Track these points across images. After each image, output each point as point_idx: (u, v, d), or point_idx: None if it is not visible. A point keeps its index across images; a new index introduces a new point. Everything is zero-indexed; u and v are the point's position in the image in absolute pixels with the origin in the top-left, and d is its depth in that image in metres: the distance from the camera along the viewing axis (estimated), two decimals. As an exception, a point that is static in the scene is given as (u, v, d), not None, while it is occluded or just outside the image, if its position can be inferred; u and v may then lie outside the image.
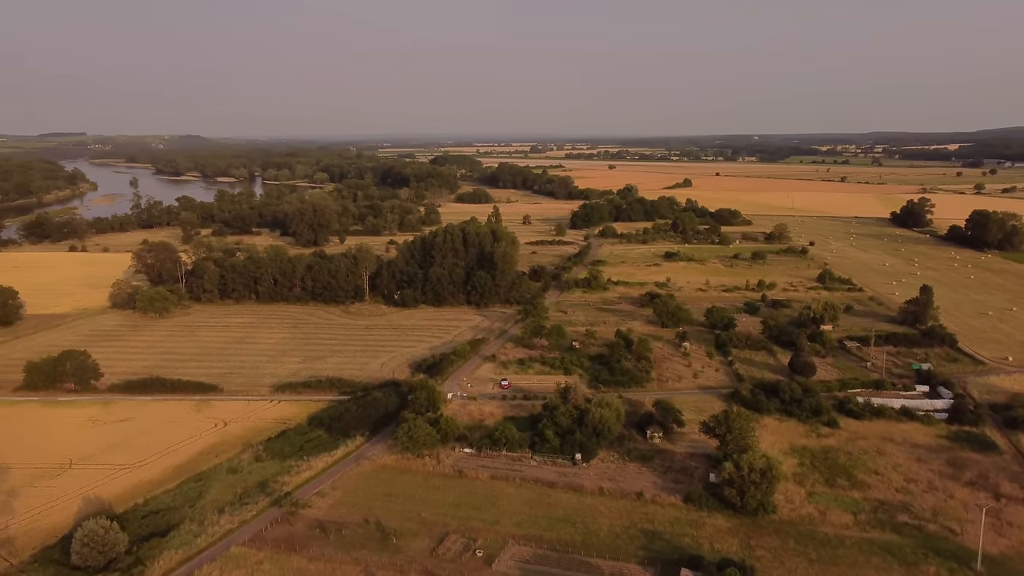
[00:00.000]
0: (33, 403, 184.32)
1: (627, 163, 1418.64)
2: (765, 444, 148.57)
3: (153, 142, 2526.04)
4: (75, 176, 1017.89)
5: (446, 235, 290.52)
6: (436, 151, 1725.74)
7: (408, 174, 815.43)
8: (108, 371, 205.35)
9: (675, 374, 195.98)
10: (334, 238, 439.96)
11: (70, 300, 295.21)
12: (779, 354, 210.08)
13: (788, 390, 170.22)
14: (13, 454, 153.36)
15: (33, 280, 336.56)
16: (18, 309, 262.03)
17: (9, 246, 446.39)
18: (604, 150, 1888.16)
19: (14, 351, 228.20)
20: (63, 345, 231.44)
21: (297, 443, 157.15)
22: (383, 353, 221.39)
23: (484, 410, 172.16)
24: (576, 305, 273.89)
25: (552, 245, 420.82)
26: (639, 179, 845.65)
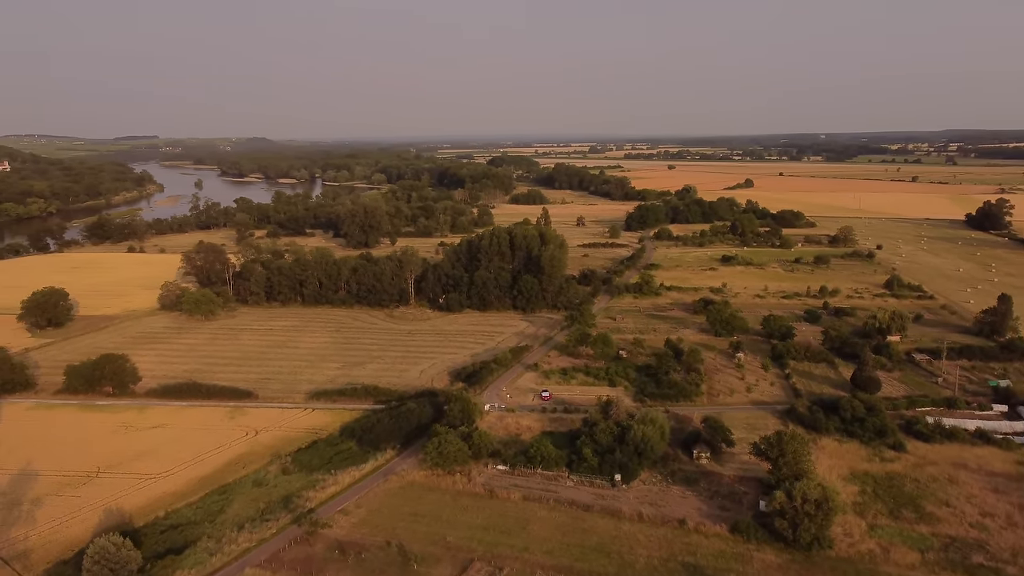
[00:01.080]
0: (71, 407, 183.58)
1: (687, 163, 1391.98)
2: (823, 468, 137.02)
3: (221, 144, 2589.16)
4: (143, 178, 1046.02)
5: (492, 238, 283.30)
6: (494, 152, 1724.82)
7: (463, 175, 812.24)
8: (148, 374, 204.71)
9: (727, 387, 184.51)
10: (385, 239, 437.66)
11: (121, 301, 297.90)
12: (841, 367, 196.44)
13: (850, 408, 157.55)
14: (44, 460, 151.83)
15: (89, 281, 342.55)
16: (69, 310, 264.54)
17: (72, 246, 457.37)
18: (664, 150, 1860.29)
19: (61, 352, 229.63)
20: (108, 347, 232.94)
21: (327, 455, 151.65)
22: (423, 360, 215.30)
23: (521, 423, 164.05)
24: (626, 311, 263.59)
25: (605, 247, 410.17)
26: (698, 179, 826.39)
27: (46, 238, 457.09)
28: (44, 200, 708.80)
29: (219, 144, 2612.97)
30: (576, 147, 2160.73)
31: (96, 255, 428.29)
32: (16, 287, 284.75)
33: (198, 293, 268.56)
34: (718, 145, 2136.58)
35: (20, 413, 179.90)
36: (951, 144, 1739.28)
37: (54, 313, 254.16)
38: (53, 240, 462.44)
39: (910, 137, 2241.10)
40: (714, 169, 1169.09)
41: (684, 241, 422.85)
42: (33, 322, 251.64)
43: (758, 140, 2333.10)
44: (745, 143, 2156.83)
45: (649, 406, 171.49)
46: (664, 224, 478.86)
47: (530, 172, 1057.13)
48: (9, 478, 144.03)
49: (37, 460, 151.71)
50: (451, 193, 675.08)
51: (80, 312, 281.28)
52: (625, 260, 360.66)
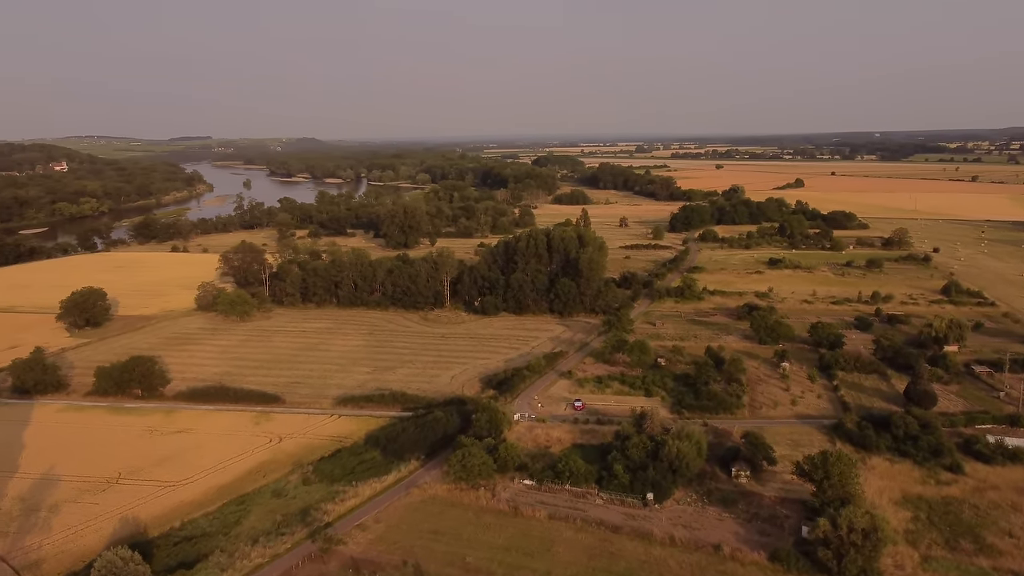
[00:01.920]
0: (100, 409, 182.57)
1: (735, 162, 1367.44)
2: (872, 491, 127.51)
3: (272, 145, 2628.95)
4: (193, 178, 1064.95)
5: (530, 239, 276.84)
6: (540, 152, 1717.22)
7: (507, 175, 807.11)
8: (179, 377, 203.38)
9: (770, 399, 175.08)
10: (424, 240, 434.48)
11: (160, 301, 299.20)
12: (893, 379, 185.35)
13: (902, 424, 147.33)
14: (67, 464, 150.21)
15: (130, 280, 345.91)
16: (107, 310, 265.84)
17: (118, 246, 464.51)
18: (712, 149, 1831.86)
19: (96, 353, 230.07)
20: (143, 348, 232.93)
21: (349, 465, 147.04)
22: (455, 365, 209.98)
23: (551, 435, 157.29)
24: (666, 316, 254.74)
25: (647, 249, 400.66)
26: (747, 179, 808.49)
27: (94, 237, 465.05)
28: (96, 200, 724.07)
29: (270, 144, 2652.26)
30: (622, 147, 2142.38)
31: (140, 255, 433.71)
32: (60, 286, 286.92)
33: (233, 294, 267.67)
34: (768, 144, 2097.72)
35: (50, 415, 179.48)
36: (1013, 142, 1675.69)
37: (92, 313, 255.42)
38: (100, 239, 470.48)
39: (970, 135, 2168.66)
40: (763, 169, 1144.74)
41: (730, 243, 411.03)
42: (72, 322, 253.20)
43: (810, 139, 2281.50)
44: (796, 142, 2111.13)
45: (686, 418, 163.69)
46: (709, 225, 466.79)
47: (575, 172, 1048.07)
48: (31, 483, 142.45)
49: (60, 464, 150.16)
50: (493, 193, 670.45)
51: (119, 312, 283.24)
52: (667, 263, 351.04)
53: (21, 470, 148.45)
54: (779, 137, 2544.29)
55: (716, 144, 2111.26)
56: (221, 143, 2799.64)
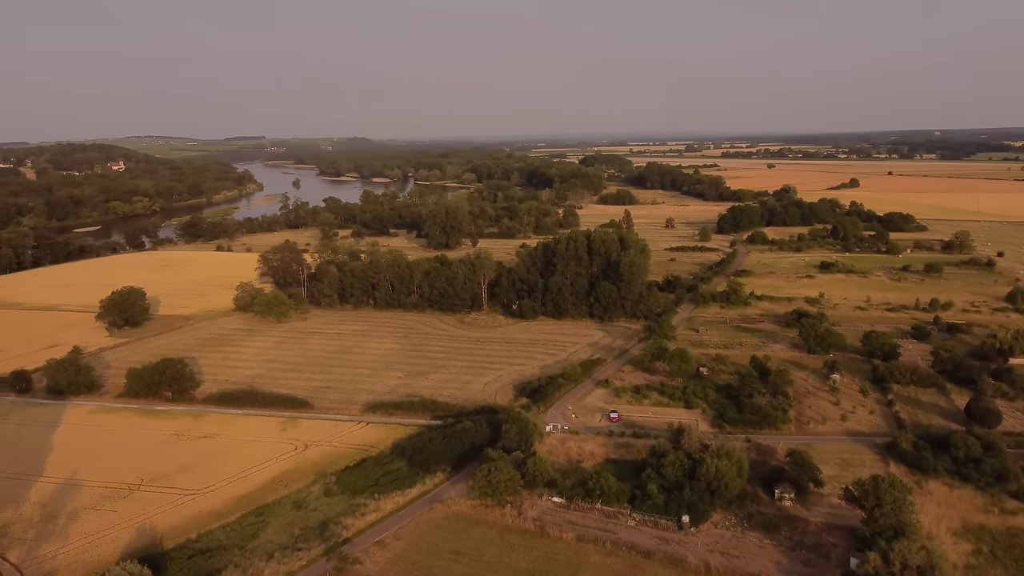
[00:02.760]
0: (130, 411, 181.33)
1: (788, 162, 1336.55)
2: (929, 519, 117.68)
3: (323, 144, 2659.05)
4: (243, 177, 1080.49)
5: (570, 242, 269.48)
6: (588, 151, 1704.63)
7: (552, 175, 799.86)
8: (211, 379, 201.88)
9: (818, 414, 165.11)
10: (466, 240, 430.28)
11: (200, 301, 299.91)
12: (953, 394, 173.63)
13: (963, 445, 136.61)
14: (91, 468, 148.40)
15: (173, 279, 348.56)
16: (146, 310, 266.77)
17: (165, 244, 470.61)
18: (764, 148, 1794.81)
19: (133, 353, 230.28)
20: (179, 349, 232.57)
21: (373, 476, 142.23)
22: (489, 371, 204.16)
23: (584, 448, 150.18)
24: (710, 322, 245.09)
25: (694, 251, 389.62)
26: (799, 179, 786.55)
27: (142, 236, 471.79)
28: (149, 199, 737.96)
29: (321, 144, 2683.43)
30: (672, 145, 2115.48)
31: (185, 254, 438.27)
32: (105, 285, 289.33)
33: (270, 295, 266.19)
34: (822, 143, 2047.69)
35: (81, 416, 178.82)
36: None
37: (131, 313, 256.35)
38: (148, 238, 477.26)
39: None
40: (817, 168, 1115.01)
41: (780, 245, 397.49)
42: (111, 321, 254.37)
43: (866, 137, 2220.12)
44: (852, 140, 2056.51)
45: (728, 433, 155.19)
46: (759, 227, 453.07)
47: (622, 171, 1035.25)
48: (54, 488, 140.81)
49: (84, 468, 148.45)
50: (538, 193, 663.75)
51: (160, 311, 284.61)
52: (714, 266, 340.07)
53: (46, 473, 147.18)
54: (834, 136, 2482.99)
55: (768, 143, 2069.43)
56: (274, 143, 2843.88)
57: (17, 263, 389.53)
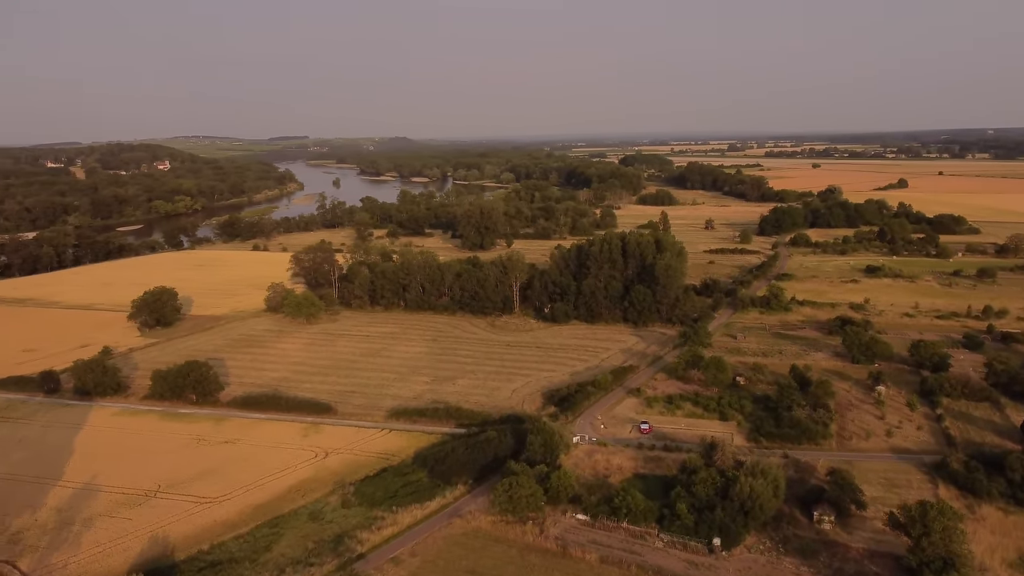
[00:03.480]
0: (154, 414, 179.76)
1: (834, 161, 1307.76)
2: (982, 549, 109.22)
3: (365, 144, 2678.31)
4: (284, 176, 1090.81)
5: (603, 244, 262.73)
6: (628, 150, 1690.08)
7: (591, 174, 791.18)
8: (237, 381, 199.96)
9: (862, 428, 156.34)
10: (501, 241, 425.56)
11: (232, 301, 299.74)
12: (1008, 409, 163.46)
13: (1020, 466, 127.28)
14: (110, 473, 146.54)
15: (207, 279, 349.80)
16: (178, 310, 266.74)
17: (203, 244, 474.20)
18: (809, 147, 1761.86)
19: (163, 354, 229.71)
20: (207, 350, 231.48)
21: (393, 486, 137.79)
22: (518, 377, 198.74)
23: (612, 462, 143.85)
24: (749, 328, 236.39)
25: (734, 254, 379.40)
26: (845, 179, 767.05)
27: (180, 235, 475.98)
28: (191, 198, 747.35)
29: (363, 144, 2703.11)
30: (714, 145, 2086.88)
31: (222, 253, 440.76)
32: (141, 284, 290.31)
33: (300, 296, 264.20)
34: (869, 142, 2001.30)
35: (105, 418, 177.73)
36: None
37: (162, 313, 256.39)
38: (186, 237, 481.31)
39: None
40: (864, 168, 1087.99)
41: (823, 248, 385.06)
42: (143, 321, 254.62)
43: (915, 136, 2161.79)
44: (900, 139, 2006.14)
45: (764, 448, 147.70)
46: (802, 228, 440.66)
47: (662, 171, 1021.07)
48: (71, 493, 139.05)
49: (104, 473, 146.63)
50: (576, 193, 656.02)
51: (192, 311, 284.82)
52: (754, 269, 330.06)
53: (65, 477, 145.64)
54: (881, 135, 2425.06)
55: (813, 142, 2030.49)
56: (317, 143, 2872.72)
57: (58, 262, 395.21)
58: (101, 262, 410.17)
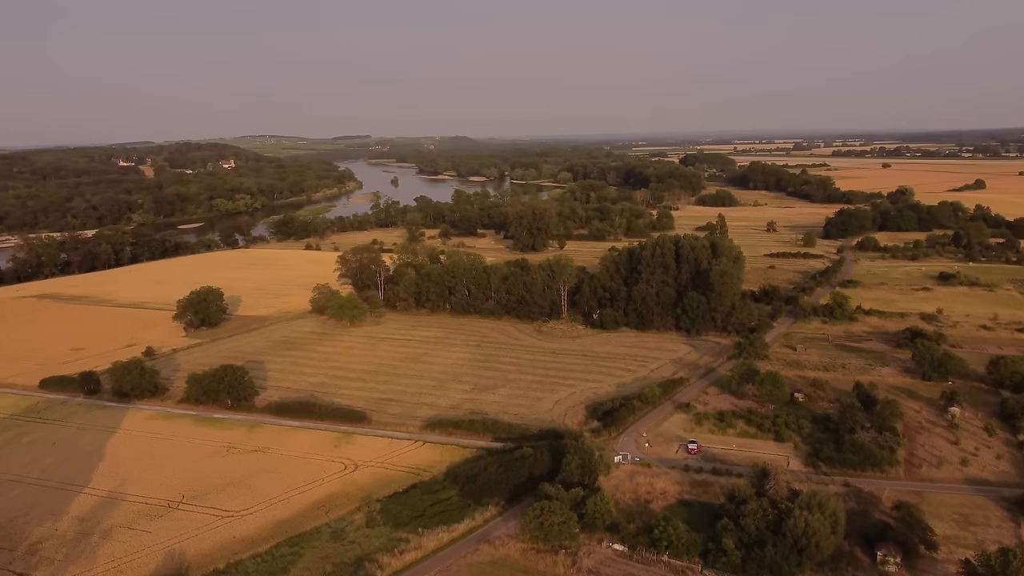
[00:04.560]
0: (188, 419, 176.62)
1: (905, 161, 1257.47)
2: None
3: (425, 143, 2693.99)
4: (344, 175, 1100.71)
5: (656, 248, 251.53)
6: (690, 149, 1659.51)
7: (649, 174, 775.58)
8: (275, 386, 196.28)
9: (933, 455, 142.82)
10: (554, 243, 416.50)
11: (279, 302, 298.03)
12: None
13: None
14: (137, 481, 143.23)
15: (258, 278, 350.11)
16: (223, 311, 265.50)
17: (257, 243, 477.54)
18: (879, 146, 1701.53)
19: (205, 355, 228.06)
20: (249, 352, 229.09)
21: (421, 505, 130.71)
22: (561, 387, 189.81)
23: (655, 485, 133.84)
24: (810, 340, 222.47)
25: (796, 258, 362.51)
26: (917, 180, 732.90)
27: (235, 234, 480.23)
28: (251, 196, 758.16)
29: (423, 143, 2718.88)
30: (780, 144, 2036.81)
31: (275, 252, 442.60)
32: (193, 283, 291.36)
33: (344, 298, 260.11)
34: (944, 141, 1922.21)
35: (139, 422, 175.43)
36: None
37: (207, 313, 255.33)
38: (241, 236, 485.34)
39: None
40: (937, 168, 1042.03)
41: (893, 253, 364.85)
42: (188, 321, 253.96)
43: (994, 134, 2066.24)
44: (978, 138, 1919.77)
45: (823, 474, 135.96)
46: (869, 232, 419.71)
47: (723, 171, 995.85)
48: (95, 502, 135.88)
49: (130, 480, 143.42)
50: (632, 194, 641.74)
51: (239, 311, 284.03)
52: (817, 275, 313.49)
53: (92, 484, 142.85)
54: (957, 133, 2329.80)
55: (884, 141, 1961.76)
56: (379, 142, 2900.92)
57: (116, 259, 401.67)
58: (157, 260, 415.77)
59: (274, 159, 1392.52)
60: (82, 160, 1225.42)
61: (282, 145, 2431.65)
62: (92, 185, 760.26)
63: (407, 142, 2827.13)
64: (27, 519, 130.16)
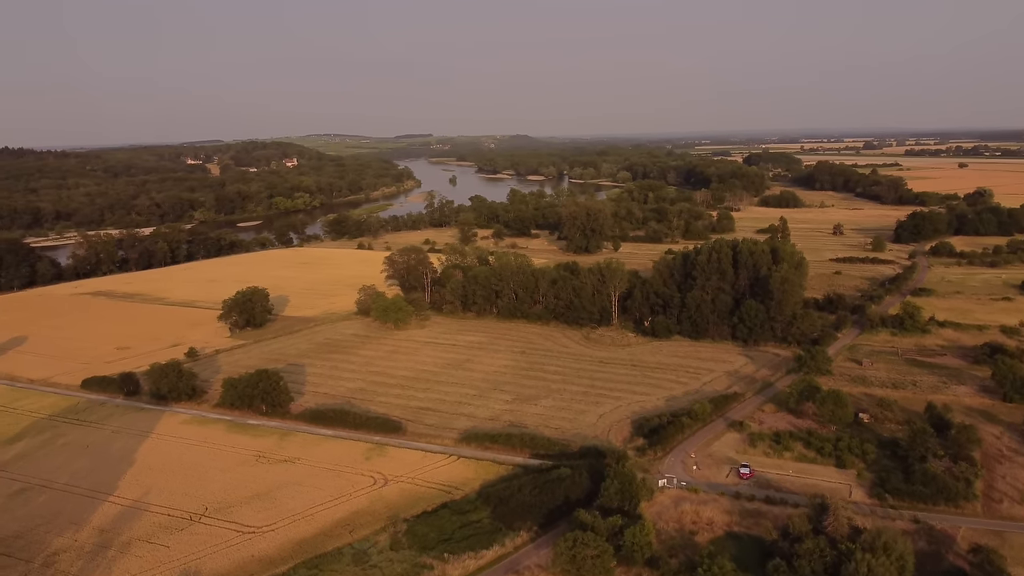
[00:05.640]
0: (222, 424, 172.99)
1: (984, 160, 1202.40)
2: None
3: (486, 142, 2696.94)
4: (402, 174, 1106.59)
5: (711, 252, 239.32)
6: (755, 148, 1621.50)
7: (710, 174, 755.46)
8: (312, 391, 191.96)
9: (1017, 489, 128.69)
10: (608, 244, 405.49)
11: (326, 302, 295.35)
12: None
13: None
14: (162, 490, 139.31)
15: (307, 277, 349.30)
16: (268, 311, 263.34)
17: (311, 241, 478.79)
18: (955, 145, 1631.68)
19: (247, 356, 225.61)
20: (291, 355, 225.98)
21: (449, 527, 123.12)
22: (607, 400, 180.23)
23: (702, 515, 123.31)
24: (877, 353, 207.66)
25: (864, 263, 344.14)
26: (997, 181, 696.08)
27: (289, 233, 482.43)
28: (309, 195, 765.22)
29: (484, 141, 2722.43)
30: (849, 142, 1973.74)
31: (328, 251, 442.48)
32: (245, 281, 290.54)
33: (388, 300, 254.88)
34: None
35: (173, 427, 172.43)
36: None
37: (252, 314, 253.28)
38: (296, 235, 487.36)
39: None
40: (1019, 168, 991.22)
41: (970, 259, 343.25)
42: (233, 322, 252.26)
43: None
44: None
45: (890, 507, 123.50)
46: (944, 236, 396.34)
47: (789, 171, 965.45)
48: (118, 511, 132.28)
49: (156, 489, 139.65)
50: (692, 194, 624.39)
51: (285, 312, 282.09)
52: (887, 282, 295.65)
53: (117, 492, 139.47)
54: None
55: (960, 139, 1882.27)
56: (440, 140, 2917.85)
57: (172, 257, 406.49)
58: (212, 258, 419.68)
59: (336, 157, 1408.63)
60: (152, 158, 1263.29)
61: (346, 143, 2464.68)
62: (158, 183, 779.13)
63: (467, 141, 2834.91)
64: (49, 528, 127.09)
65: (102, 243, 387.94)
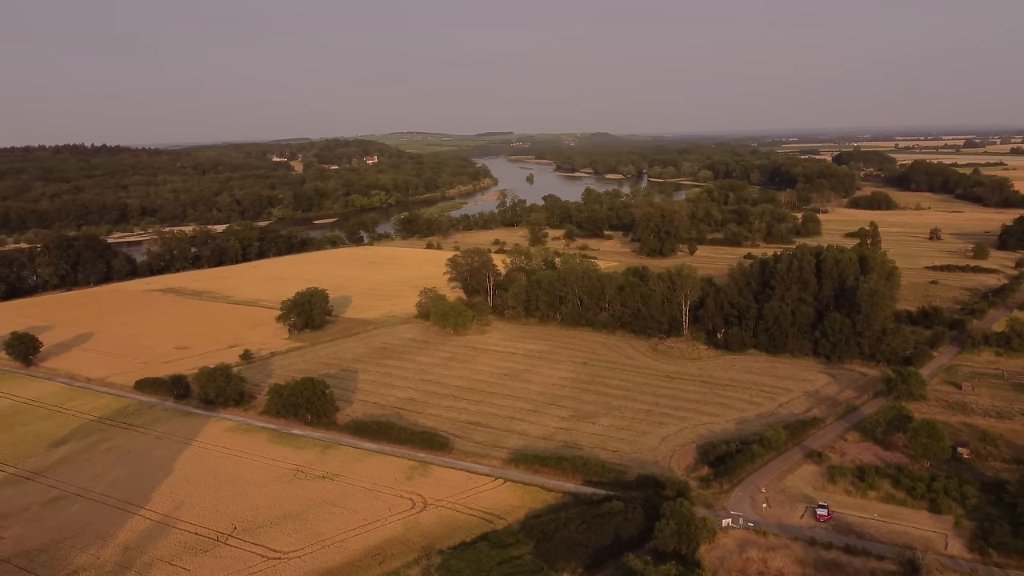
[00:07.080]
0: (265, 433, 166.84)
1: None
2: None
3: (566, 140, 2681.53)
4: (479, 172, 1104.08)
5: (792, 260, 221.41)
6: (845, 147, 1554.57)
7: (796, 173, 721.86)
8: (361, 399, 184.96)
9: None
10: (683, 247, 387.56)
11: (387, 304, 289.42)
12: None
13: None
14: (193, 505, 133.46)
15: (372, 277, 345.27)
16: (327, 313, 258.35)
17: (382, 240, 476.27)
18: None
19: (301, 360, 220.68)
20: (347, 359, 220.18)
21: (487, 563, 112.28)
22: (672, 421, 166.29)
23: (770, 563, 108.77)
24: (979, 376, 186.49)
25: (964, 272, 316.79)
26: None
27: (361, 231, 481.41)
28: (385, 192, 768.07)
29: (564, 139, 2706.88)
30: (948, 140, 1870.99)
31: (397, 250, 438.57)
32: (311, 280, 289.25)
33: (446, 304, 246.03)
34: None
35: (216, 434, 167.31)
36: None
37: (311, 315, 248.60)
38: (367, 233, 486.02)
39: None
40: None
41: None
42: (292, 323, 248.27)
43: None
44: None
45: (994, 564, 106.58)
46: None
47: (882, 170, 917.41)
48: (146, 526, 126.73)
49: (188, 503, 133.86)
50: (777, 195, 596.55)
51: (346, 313, 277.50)
52: (990, 294, 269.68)
53: (149, 505, 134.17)
54: None
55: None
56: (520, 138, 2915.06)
57: (243, 254, 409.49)
58: (283, 256, 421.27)
59: (415, 155, 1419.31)
60: (240, 155, 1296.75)
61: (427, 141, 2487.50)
62: (241, 180, 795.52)
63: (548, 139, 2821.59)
64: (74, 542, 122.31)
65: (175, 240, 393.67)
